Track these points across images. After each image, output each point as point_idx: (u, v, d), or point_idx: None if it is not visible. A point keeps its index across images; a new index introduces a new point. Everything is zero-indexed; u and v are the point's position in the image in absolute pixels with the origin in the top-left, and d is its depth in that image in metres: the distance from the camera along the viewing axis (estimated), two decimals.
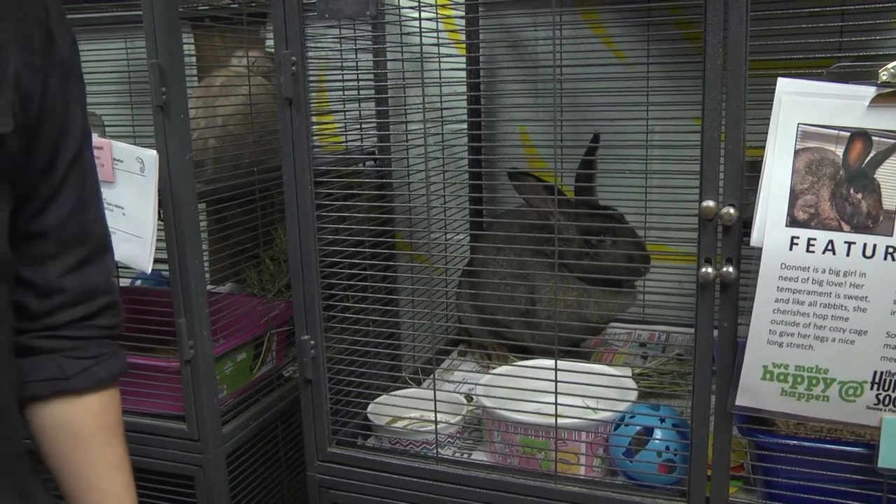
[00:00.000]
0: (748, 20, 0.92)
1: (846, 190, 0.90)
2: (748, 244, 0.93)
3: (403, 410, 1.34)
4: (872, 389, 0.92)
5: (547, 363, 1.21)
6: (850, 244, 0.89)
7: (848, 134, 0.89)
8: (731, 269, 0.97)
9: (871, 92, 0.88)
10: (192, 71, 1.69)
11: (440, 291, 1.46)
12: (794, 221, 0.91)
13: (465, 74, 1.72)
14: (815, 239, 0.90)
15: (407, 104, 1.39)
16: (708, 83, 0.95)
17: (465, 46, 1.72)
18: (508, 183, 1.47)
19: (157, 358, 1.45)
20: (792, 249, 0.91)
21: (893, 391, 0.92)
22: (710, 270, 0.98)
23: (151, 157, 1.27)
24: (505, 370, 1.39)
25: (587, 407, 1.18)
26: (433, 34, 1.47)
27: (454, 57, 1.68)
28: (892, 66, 0.86)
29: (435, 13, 1.46)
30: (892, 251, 0.88)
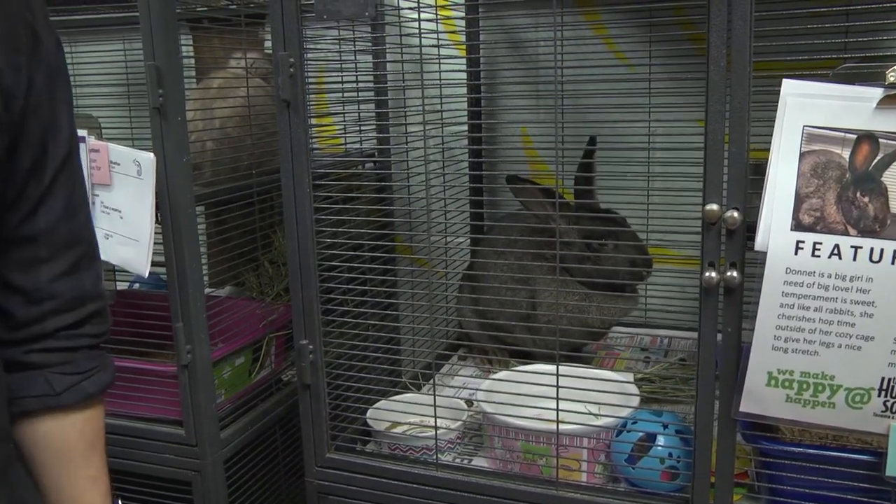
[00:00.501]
0: (752, 20, 0.91)
1: (852, 193, 0.88)
2: (752, 248, 0.92)
3: (403, 416, 1.33)
4: (880, 396, 0.91)
5: (548, 368, 1.20)
6: (856, 248, 0.88)
7: (854, 136, 0.88)
8: (734, 273, 0.96)
9: (877, 93, 0.86)
10: (190, 73, 1.69)
11: (440, 295, 1.45)
12: (799, 225, 0.89)
13: (465, 76, 1.71)
14: (820, 243, 0.89)
15: (406, 106, 1.38)
16: (711, 84, 0.94)
17: (465, 48, 1.71)
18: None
19: (154, 362, 1.44)
20: (797, 254, 0.89)
21: None
22: (713, 275, 0.97)
23: (149, 159, 1.26)
24: (506, 375, 1.37)
25: (589, 412, 1.17)
26: (433, 35, 1.46)
27: (454, 58, 1.67)
28: None
29: (435, 14, 1.45)
30: None
